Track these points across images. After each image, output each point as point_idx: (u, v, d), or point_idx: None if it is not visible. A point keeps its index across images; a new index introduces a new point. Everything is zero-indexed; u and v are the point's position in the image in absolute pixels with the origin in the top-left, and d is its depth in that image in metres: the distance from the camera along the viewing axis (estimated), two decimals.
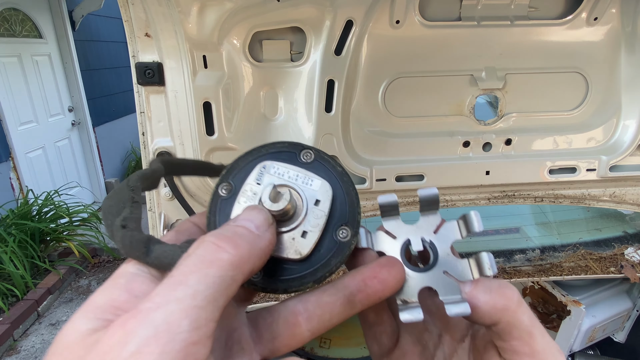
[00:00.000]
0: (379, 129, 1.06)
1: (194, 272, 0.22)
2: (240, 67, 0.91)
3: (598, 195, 1.18)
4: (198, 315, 0.20)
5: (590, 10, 0.98)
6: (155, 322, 0.20)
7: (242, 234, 0.26)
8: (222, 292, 0.22)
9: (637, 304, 1.72)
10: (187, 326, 0.20)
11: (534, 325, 0.29)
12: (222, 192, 0.32)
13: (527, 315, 0.29)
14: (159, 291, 0.21)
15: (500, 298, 0.29)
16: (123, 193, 0.28)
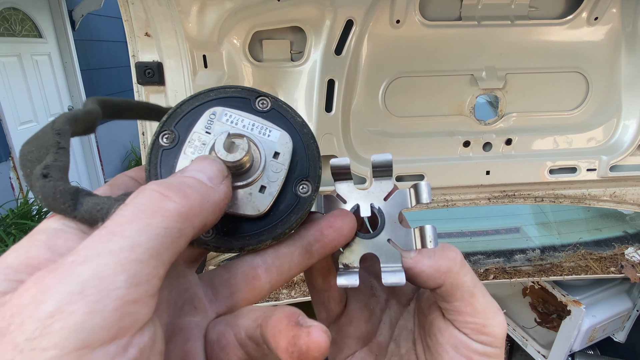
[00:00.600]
0: (379, 129, 1.06)
1: (132, 221, 0.18)
2: (240, 67, 0.91)
3: (598, 195, 1.18)
4: (138, 270, 0.17)
5: (590, 10, 0.97)
6: (81, 277, 0.16)
7: (192, 185, 0.22)
8: (167, 246, 0.19)
9: (637, 304, 1.72)
10: (123, 282, 0.16)
11: (476, 286, 0.30)
12: (163, 142, 0.28)
13: (469, 276, 0.30)
14: (87, 243, 0.17)
15: (443, 260, 0.29)
16: (47, 137, 0.23)
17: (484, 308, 0.30)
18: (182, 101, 0.29)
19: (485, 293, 0.30)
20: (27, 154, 0.23)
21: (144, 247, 0.18)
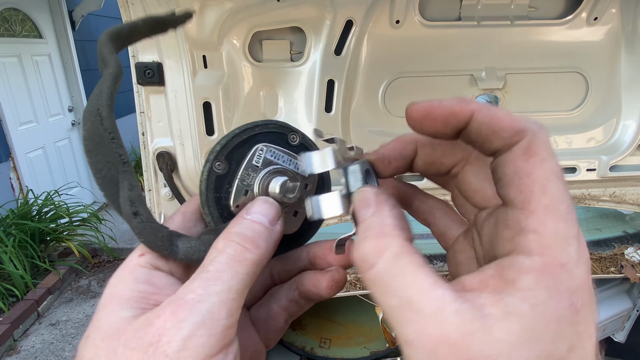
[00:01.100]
0: (379, 129, 1.06)
1: (227, 270, 0.27)
2: (240, 67, 0.91)
3: (598, 195, 1.18)
4: (232, 305, 0.26)
5: (590, 10, 0.98)
6: (202, 312, 0.24)
7: (260, 233, 0.29)
8: (247, 286, 0.27)
9: (637, 304, 1.72)
10: (225, 314, 0.25)
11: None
12: (216, 169, 0.32)
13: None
14: (199, 284, 0.26)
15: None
16: (105, 145, 0.27)
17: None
18: (231, 134, 0.33)
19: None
20: (99, 172, 0.27)
21: (235, 289, 0.26)
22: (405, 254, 0.24)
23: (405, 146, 0.31)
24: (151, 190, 1.00)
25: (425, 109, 0.27)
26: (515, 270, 0.22)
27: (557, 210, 0.22)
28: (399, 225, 0.26)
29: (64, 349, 3.25)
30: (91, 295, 3.89)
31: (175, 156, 0.95)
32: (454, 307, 0.22)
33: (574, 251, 0.22)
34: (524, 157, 0.23)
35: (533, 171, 0.23)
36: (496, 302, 0.22)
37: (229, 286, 0.26)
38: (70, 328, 3.47)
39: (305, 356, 1.68)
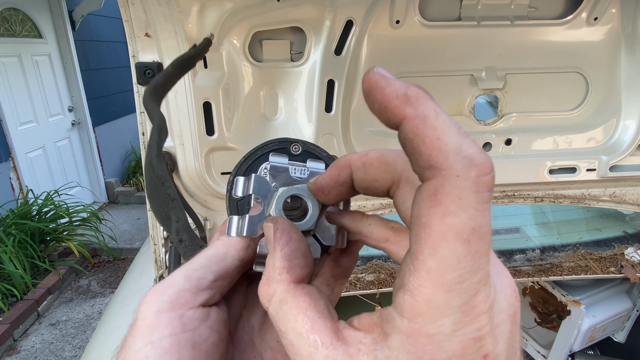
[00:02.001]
0: (379, 129, 1.06)
1: (198, 255, 0.31)
2: (240, 67, 0.91)
3: (598, 195, 1.18)
4: (190, 274, 0.29)
5: (590, 10, 0.98)
6: (163, 283, 0.29)
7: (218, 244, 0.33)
8: (215, 261, 0.30)
9: (637, 304, 1.72)
10: (181, 280, 0.29)
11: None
12: (235, 196, 0.35)
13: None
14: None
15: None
16: (158, 190, 0.34)
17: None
18: (238, 163, 0.36)
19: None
20: (157, 212, 0.36)
21: (197, 262, 0.30)
22: (290, 298, 0.25)
23: (340, 172, 0.30)
24: None
25: (371, 84, 0.23)
26: (390, 326, 0.22)
27: (441, 278, 0.20)
28: (289, 266, 0.27)
29: (64, 349, 3.25)
30: (91, 295, 3.89)
31: (175, 156, 0.95)
32: (324, 354, 0.23)
33: (448, 323, 0.20)
34: (428, 202, 0.20)
35: (431, 224, 0.20)
36: (371, 351, 0.22)
37: (193, 262, 0.30)
38: (70, 328, 3.47)
39: None
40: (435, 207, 0.20)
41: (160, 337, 0.26)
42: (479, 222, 0.19)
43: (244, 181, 0.33)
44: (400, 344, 0.21)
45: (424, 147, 0.20)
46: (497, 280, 0.22)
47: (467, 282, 0.19)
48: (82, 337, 3.36)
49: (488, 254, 0.20)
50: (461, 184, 0.19)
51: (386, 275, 1.42)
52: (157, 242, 1.03)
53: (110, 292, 3.91)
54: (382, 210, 1.15)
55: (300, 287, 0.26)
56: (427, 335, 0.20)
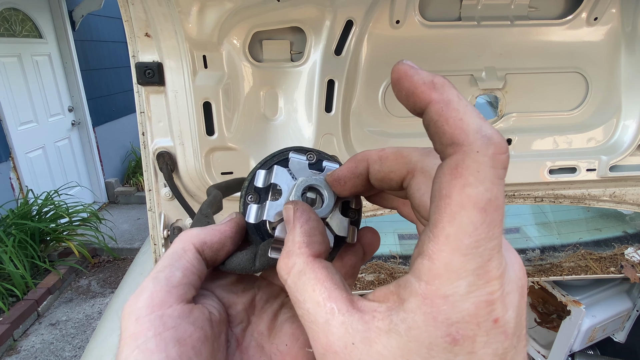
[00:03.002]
0: (379, 129, 1.06)
1: (161, 258, 0.32)
2: (240, 67, 0.91)
3: (598, 195, 1.18)
4: (157, 276, 0.30)
5: (590, 10, 0.98)
6: (135, 295, 0.30)
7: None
8: (175, 259, 0.32)
9: (637, 304, 1.72)
10: (150, 286, 0.29)
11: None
12: (250, 201, 0.37)
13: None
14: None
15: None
16: (202, 222, 0.39)
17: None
18: (254, 169, 0.38)
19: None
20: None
21: (160, 265, 0.31)
22: (308, 270, 0.27)
23: (357, 164, 0.32)
24: (151, 190, 1.00)
25: (400, 73, 0.26)
26: (407, 291, 0.23)
27: (458, 242, 0.21)
28: (308, 241, 0.29)
29: (64, 349, 3.25)
30: (91, 295, 3.89)
31: (175, 156, 0.95)
32: (340, 320, 0.24)
33: (463, 285, 0.21)
34: (449, 176, 0.22)
35: (451, 195, 0.22)
36: (386, 317, 0.23)
37: (157, 267, 0.32)
38: (70, 328, 3.47)
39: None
40: (455, 179, 0.22)
41: (144, 340, 0.26)
42: (494, 194, 0.21)
43: (265, 173, 0.36)
44: (416, 306, 0.22)
45: (448, 127, 0.23)
46: (507, 255, 0.23)
47: (482, 248, 0.21)
48: (82, 337, 3.36)
49: (502, 225, 0.22)
50: (480, 159, 0.21)
51: (386, 275, 1.42)
52: (157, 242, 1.03)
53: (110, 292, 3.91)
54: (382, 211, 1.15)
55: (318, 261, 0.28)
56: (444, 296, 0.21)
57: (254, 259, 0.35)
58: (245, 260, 0.35)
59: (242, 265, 0.35)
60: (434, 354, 0.21)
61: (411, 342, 0.22)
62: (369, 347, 0.23)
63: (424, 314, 0.22)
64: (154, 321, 0.27)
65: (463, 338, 0.21)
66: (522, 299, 0.23)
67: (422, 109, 0.24)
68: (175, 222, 1.05)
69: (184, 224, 1.05)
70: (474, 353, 0.21)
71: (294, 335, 0.36)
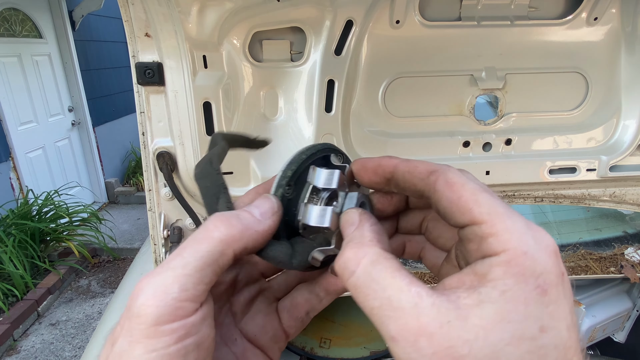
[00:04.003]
0: (379, 129, 1.06)
1: (188, 247, 0.28)
2: (240, 67, 0.91)
3: (598, 195, 1.18)
4: (186, 281, 0.27)
5: (590, 10, 0.98)
6: (154, 284, 0.27)
7: (241, 217, 0.31)
8: (209, 263, 0.28)
9: (637, 304, 1.72)
10: (177, 289, 0.27)
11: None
12: (287, 194, 0.36)
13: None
14: (166, 259, 0.28)
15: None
16: (213, 177, 0.35)
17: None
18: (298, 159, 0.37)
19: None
20: (205, 189, 0.35)
21: (192, 266, 0.27)
22: (382, 260, 0.27)
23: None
24: (151, 190, 1.00)
25: (360, 163, 0.34)
26: (486, 266, 0.25)
27: (498, 213, 0.26)
28: (378, 238, 0.29)
29: (64, 349, 3.25)
30: (91, 295, 3.89)
31: (175, 156, 0.95)
32: (429, 301, 0.24)
33: (530, 239, 0.25)
34: (448, 189, 0.28)
35: (461, 195, 0.27)
36: (471, 294, 0.24)
37: (185, 262, 0.27)
38: (70, 328, 3.47)
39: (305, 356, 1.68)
40: (454, 186, 0.28)
41: (164, 345, 0.26)
42: (481, 183, 0.28)
43: (327, 174, 0.35)
44: (503, 272, 0.24)
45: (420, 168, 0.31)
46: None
47: (513, 210, 0.26)
48: (82, 337, 3.36)
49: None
50: (454, 170, 0.29)
51: None
52: (157, 242, 1.03)
53: (110, 292, 3.91)
54: None
55: (389, 254, 0.28)
56: (523, 252, 0.24)
57: (291, 255, 0.34)
58: (284, 254, 0.33)
59: (281, 258, 0.33)
60: (530, 308, 0.23)
61: (508, 303, 0.23)
62: (466, 322, 0.23)
63: (513, 275, 0.24)
64: (178, 330, 0.26)
65: (550, 287, 0.24)
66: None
67: (391, 172, 0.33)
68: (175, 222, 1.05)
69: (184, 224, 1.05)
70: (558, 302, 0.24)
71: (264, 329, 0.37)
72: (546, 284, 0.24)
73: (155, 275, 0.27)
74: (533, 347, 0.23)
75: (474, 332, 0.23)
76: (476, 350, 0.23)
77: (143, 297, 0.27)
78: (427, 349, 0.23)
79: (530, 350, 0.23)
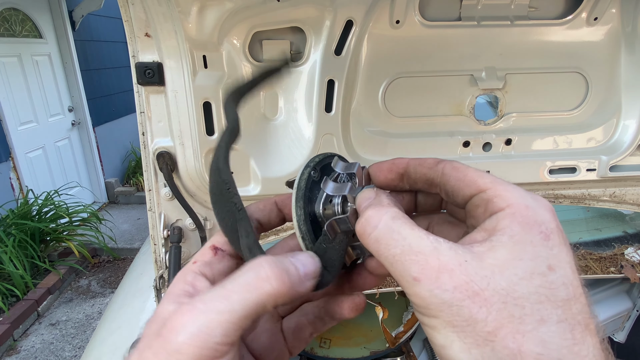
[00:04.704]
0: (379, 129, 1.06)
1: (238, 292, 0.28)
2: (240, 67, 0.91)
3: (598, 195, 1.18)
4: (229, 327, 0.27)
5: (590, 10, 0.98)
6: (198, 324, 0.27)
7: (290, 273, 0.30)
8: (254, 314, 0.28)
9: (637, 304, 1.72)
10: (219, 333, 0.27)
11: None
12: (313, 175, 0.38)
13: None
14: (211, 296, 0.28)
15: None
16: (223, 196, 0.34)
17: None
18: (327, 153, 0.40)
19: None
20: (222, 221, 0.35)
21: (238, 313, 0.27)
22: (401, 216, 0.30)
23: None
24: (151, 190, 1.00)
25: (376, 165, 0.38)
26: (494, 221, 0.28)
27: (500, 182, 0.30)
28: (394, 203, 0.33)
29: (64, 349, 3.25)
30: (91, 295, 3.89)
31: (175, 156, 0.95)
32: (447, 246, 0.28)
33: (530, 198, 0.29)
34: (455, 171, 0.33)
35: (467, 173, 0.33)
36: (484, 242, 0.28)
37: (232, 308, 0.27)
38: (70, 328, 3.47)
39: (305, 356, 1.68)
40: (460, 168, 0.34)
41: None
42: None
43: (345, 165, 0.38)
44: (510, 221, 0.27)
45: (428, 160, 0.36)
46: None
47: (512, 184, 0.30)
48: (82, 337, 3.36)
49: None
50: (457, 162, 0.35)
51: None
52: (157, 242, 1.03)
53: (110, 292, 3.91)
54: None
55: (406, 215, 0.31)
56: (525, 206, 0.28)
57: (327, 272, 0.34)
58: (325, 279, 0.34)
59: (327, 281, 0.34)
60: (537, 249, 0.26)
61: (517, 245, 0.27)
62: (482, 262, 0.26)
63: (518, 223, 0.27)
64: None
65: (552, 233, 0.28)
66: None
67: (404, 169, 0.37)
68: (175, 222, 1.05)
69: (184, 224, 1.05)
70: (561, 247, 0.27)
71: (270, 348, 0.39)
72: (548, 230, 0.27)
73: (199, 315, 0.27)
74: (544, 282, 0.26)
75: (490, 269, 0.26)
76: (494, 284, 0.25)
77: (185, 335, 0.27)
78: (449, 283, 0.26)
79: (542, 284, 0.25)
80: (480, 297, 0.25)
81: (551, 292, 0.25)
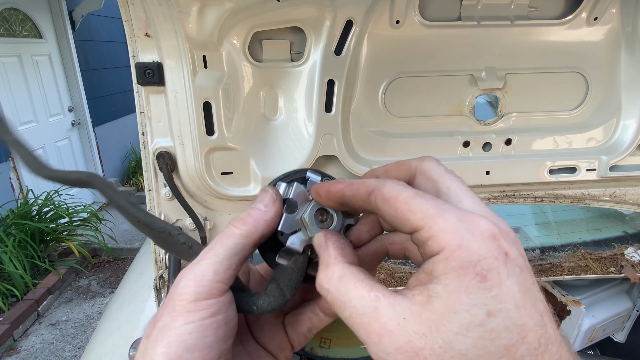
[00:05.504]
0: (379, 129, 1.06)
1: (217, 242, 0.36)
2: (240, 67, 0.91)
3: (598, 195, 1.18)
4: (217, 266, 0.35)
5: (590, 10, 0.98)
6: (194, 270, 0.34)
7: (251, 214, 0.38)
8: (235, 253, 0.36)
9: (637, 304, 1.72)
10: (211, 272, 0.34)
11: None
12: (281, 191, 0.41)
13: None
14: (201, 255, 0.36)
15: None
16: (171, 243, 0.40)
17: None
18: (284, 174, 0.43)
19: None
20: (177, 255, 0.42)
21: (222, 255, 0.35)
22: (347, 274, 0.31)
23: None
24: (151, 190, 1.00)
25: (314, 189, 0.38)
26: (431, 265, 0.27)
27: (430, 215, 0.27)
28: (341, 253, 0.33)
29: (64, 349, 3.25)
30: (91, 295, 3.89)
31: (175, 156, 0.95)
32: (386, 302, 0.27)
33: (463, 231, 0.26)
34: (386, 205, 0.30)
35: (397, 207, 0.29)
36: (422, 290, 0.27)
37: (216, 253, 0.35)
38: (70, 328, 3.47)
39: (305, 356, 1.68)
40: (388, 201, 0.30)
41: (201, 318, 0.32)
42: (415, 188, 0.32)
43: (286, 186, 0.40)
44: (443, 268, 0.26)
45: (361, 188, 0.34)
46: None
47: (446, 203, 0.29)
48: (82, 337, 3.36)
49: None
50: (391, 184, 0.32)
51: (386, 275, 1.42)
52: None
53: (110, 292, 3.91)
54: None
55: (353, 266, 0.32)
56: (457, 246, 0.26)
57: (282, 292, 0.39)
58: (276, 297, 0.39)
59: (274, 304, 0.39)
60: (473, 296, 0.25)
61: (452, 296, 0.25)
62: (420, 317, 0.26)
63: (452, 269, 0.25)
64: (212, 306, 0.33)
65: (489, 272, 0.25)
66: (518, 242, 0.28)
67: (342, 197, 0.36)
68: (175, 222, 1.05)
69: (184, 224, 1.05)
70: (502, 285, 0.25)
71: (271, 337, 0.44)
72: (484, 269, 0.25)
73: (193, 266, 0.35)
74: (483, 333, 0.24)
75: (427, 325, 0.25)
76: (431, 343, 0.25)
77: (184, 281, 0.34)
78: (390, 346, 0.26)
79: (481, 336, 0.24)
80: (419, 357, 0.25)
81: (491, 342, 0.24)
